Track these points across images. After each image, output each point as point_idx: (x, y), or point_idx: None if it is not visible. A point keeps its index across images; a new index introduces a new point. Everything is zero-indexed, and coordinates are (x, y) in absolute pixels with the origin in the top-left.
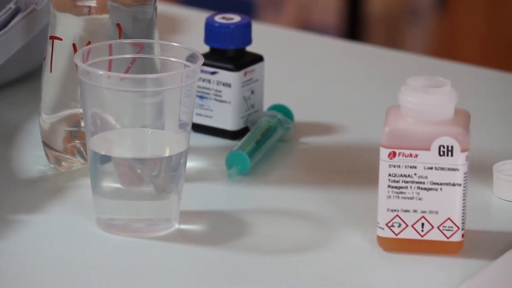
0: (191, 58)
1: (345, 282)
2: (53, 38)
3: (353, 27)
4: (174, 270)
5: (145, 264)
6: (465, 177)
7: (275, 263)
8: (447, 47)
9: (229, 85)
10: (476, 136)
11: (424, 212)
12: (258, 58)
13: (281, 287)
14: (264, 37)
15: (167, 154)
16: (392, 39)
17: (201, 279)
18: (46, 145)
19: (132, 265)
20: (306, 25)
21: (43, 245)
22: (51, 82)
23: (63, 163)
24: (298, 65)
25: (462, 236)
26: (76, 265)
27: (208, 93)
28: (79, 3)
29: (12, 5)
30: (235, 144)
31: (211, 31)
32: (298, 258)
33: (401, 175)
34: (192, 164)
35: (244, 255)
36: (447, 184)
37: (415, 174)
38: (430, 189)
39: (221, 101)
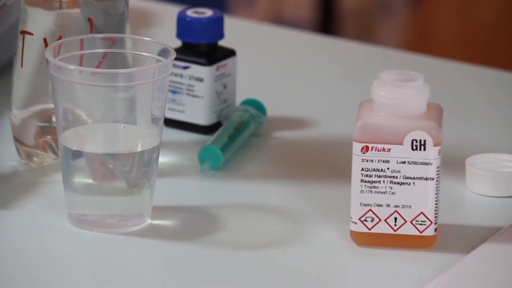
0: (163, 52)
1: (318, 277)
2: (24, 33)
3: (326, 21)
4: (147, 265)
5: (117, 260)
6: (437, 171)
7: (248, 258)
8: (420, 41)
9: (201, 80)
10: (448, 130)
11: (397, 206)
12: (230, 53)
13: (254, 282)
14: (236, 31)
15: (139, 149)
16: (365, 33)
17: (173, 274)
18: (17, 140)
19: (104, 260)
20: (278, 19)
21: (14, 241)
22: (22, 77)
23: (35, 159)
24: (271, 60)
25: (435, 230)
26: (48, 260)
27: (181, 88)
28: None
29: None
30: (208, 139)
31: (183, 26)
32: (271, 253)
33: (374, 170)
34: (164, 159)
35: (217, 250)
36: (420, 178)
37: (388, 169)
38: (403, 183)
39: (194, 96)
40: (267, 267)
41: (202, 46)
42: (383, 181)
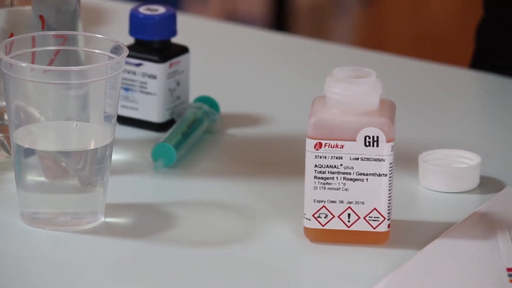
0: (116, 50)
1: (271, 273)
2: None
3: (280, 17)
4: (100, 263)
5: (70, 258)
6: (390, 167)
7: (201, 255)
8: (373, 38)
9: (154, 77)
10: (401, 126)
11: (350, 202)
12: (183, 50)
13: (207, 279)
14: (189, 28)
15: (92, 146)
16: (319, 30)
17: (127, 272)
18: None
19: (58, 259)
20: (232, 16)
21: None
22: None
23: None
24: (224, 56)
25: (388, 226)
26: (1, 259)
27: (134, 85)
28: None
29: None
30: (161, 136)
31: (136, 23)
32: (225, 249)
33: (327, 166)
34: (117, 156)
35: (170, 247)
36: (373, 174)
37: (341, 165)
38: (356, 179)
39: (147, 93)
40: (221, 264)
41: (155, 43)
42: (337, 177)
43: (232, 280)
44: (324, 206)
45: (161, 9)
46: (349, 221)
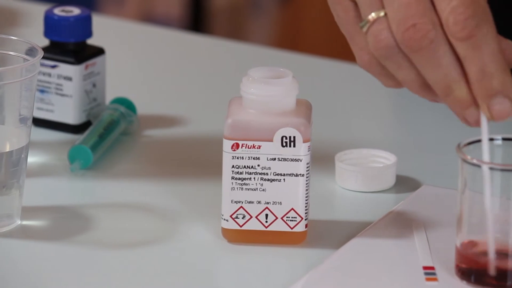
0: (31, 51)
1: (189, 275)
2: None
3: (197, 18)
4: (17, 266)
5: None
6: (307, 167)
7: (119, 257)
8: (290, 38)
9: (70, 79)
10: (318, 127)
11: (268, 203)
12: (99, 51)
13: (125, 281)
14: (105, 29)
15: (7, 149)
16: (236, 31)
17: (44, 275)
18: None
19: None
20: (148, 17)
21: None
22: None
23: None
24: (141, 58)
25: (306, 226)
26: None
27: (49, 87)
28: None
29: None
30: (78, 138)
31: (51, 24)
32: (143, 251)
33: (245, 167)
34: (33, 159)
35: (88, 249)
36: (290, 174)
37: (258, 166)
38: (273, 180)
39: (62, 95)
40: (139, 266)
41: (70, 45)
42: (254, 178)
43: (150, 282)
44: (241, 207)
45: (76, 11)
46: (266, 222)
